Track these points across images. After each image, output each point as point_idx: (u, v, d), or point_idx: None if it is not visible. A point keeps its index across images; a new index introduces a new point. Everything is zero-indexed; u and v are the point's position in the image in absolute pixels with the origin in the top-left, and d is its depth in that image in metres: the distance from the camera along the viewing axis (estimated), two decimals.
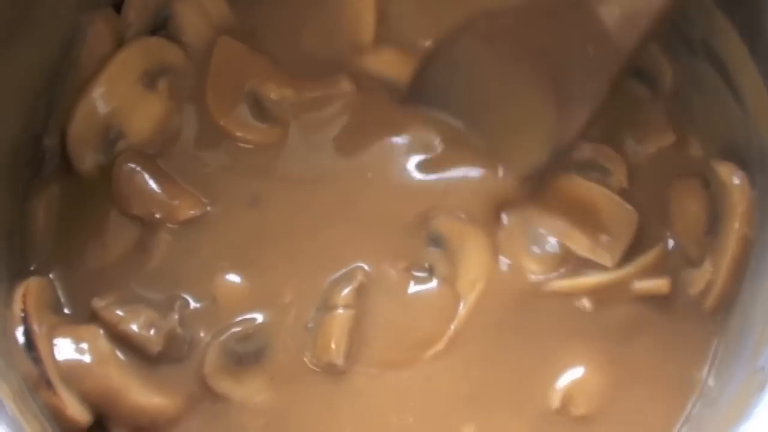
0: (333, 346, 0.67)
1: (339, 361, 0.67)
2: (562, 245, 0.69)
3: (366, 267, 0.70)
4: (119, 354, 0.66)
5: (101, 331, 0.66)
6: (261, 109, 0.73)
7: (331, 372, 0.67)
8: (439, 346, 0.68)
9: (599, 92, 0.67)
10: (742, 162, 0.66)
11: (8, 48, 0.65)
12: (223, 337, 0.67)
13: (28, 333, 0.64)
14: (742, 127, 0.67)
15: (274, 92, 0.73)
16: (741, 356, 0.63)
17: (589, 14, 0.64)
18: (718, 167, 0.67)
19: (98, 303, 0.67)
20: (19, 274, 0.68)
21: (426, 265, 0.70)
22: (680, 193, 0.70)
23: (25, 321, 0.64)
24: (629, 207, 0.69)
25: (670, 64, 0.71)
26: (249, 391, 0.67)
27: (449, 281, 0.69)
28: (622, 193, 0.70)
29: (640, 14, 0.63)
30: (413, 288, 0.69)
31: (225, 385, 0.67)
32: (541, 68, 0.68)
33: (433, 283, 0.69)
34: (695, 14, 0.68)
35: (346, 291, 0.68)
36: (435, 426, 0.66)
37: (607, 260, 0.68)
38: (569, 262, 0.69)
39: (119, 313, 0.66)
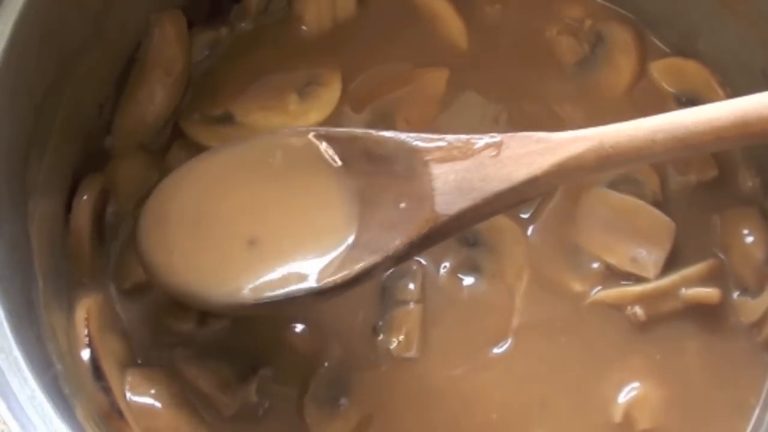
0: (406, 338, 0.68)
1: (413, 353, 0.68)
2: (601, 261, 0.71)
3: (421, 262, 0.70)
4: (192, 405, 0.66)
5: (177, 379, 0.66)
6: None
7: (408, 367, 0.68)
8: (506, 340, 0.69)
9: (394, 247, 0.59)
10: None
11: (79, 62, 0.65)
12: (311, 390, 0.67)
13: (94, 361, 0.63)
14: None
15: None
16: None
17: (421, 171, 0.59)
18: None
19: (180, 353, 0.66)
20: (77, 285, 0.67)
21: (470, 265, 0.71)
22: (734, 220, 0.72)
23: (90, 346, 0.63)
24: (665, 217, 0.70)
25: (726, 95, 0.73)
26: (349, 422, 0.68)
27: (498, 276, 0.71)
28: (657, 206, 0.71)
29: (471, 190, 0.58)
30: (465, 288, 0.71)
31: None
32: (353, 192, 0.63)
33: (483, 281, 0.71)
34: (755, 43, 0.69)
35: (412, 285, 0.69)
36: (513, 426, 0.68)
37: (648, 272, 0.70)
38: (611, 277, 0.71)
39: (197, 367, 0.66)
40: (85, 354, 0.63)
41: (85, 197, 0.67)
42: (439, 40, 0.78)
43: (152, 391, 0.65)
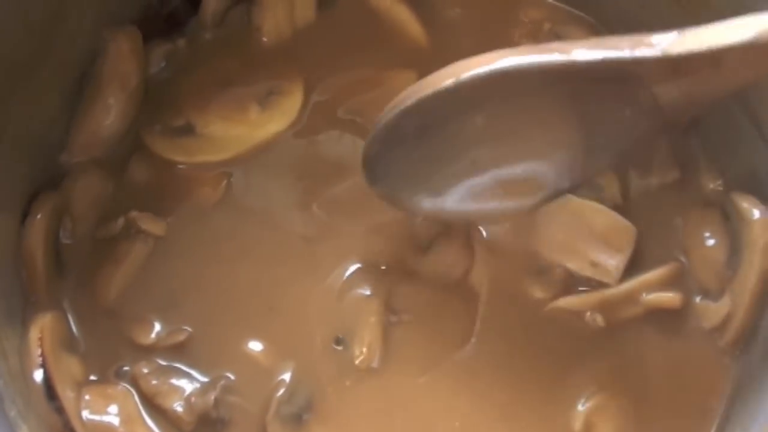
0: (369, 350, 0.68)
1: (375, 364, 0.68)
2: (562, 266, 0.70)
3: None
4: (150, 421, 0.65)
5: (134, 395, 0.65)
6: None
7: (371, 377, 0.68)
8: (469, 347, 0.69)
9: (628, 148, 0.66)
10: (764, 196, 0.67)
11: (27, 77, 0.64)
12: (272, 409, 0.66)
13: (48, 381, 0.62)
14: (764, 161, 0.68)
15: None
16: (764, 391, 0.64)
17: (640, 88, 0.61)
18: (738, 200, 0.68)
19: (138, 370, 0.66)
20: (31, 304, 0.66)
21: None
22: (696, 223, 0.71)
23: (44, 366, 0.63)
24: (626, 221, 0.69)
25: None
26: None
27: (460, 283, 0.71)
28: (618, 209, 0.70)
29: (698, 100, 0.61)
30: (427, 295, 0.70)
31: None
32: (570, 120, 0.66)
33: (445, 288, 0.70)
34: None
35: (373, 295, 0.69)
36: None
37: (609, 277, 0.69)
38: (572, 283, 0.70)
39: (155, 383, 0.66)
40: (38, 374, 0.62)
41: (38, 216, 0.67)
42: (400, 43, 0.78)
43: (109, 409, 0.64)
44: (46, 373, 0.63)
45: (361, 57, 0.77)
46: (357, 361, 0.68)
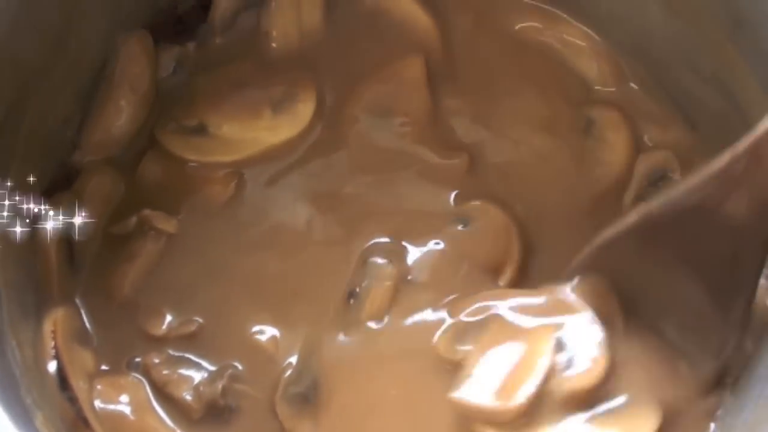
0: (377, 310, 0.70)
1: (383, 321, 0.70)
2: None
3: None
4: (160, 410, 0.67)
5: (146, 385, 0.67)
6: None
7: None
8: None
9: (749, 280, 0.61)
10: None
11: (42, 81, 0.67)
12: (280, 390, 0.68)
13: (61, 372, 0.64)
14: None
15: None
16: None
17: (714, 213, 0.59)
18: None
19: (152, 360, 0.68)
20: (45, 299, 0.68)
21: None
22: None
23: (57, 358, 0.65)
24: None
25: None
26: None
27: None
28: None
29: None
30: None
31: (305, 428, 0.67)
32: (685, 268, 0.63)
33: None
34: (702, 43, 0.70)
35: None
36: None
37: None
38: None
39: (166, 373, 0.67)
40: (52, 366, 0.64)
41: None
42: (406, 34, 0.79)
43: (121, 399, 0.66)
44: (59, 364, 0.64)
45: (370, 55, 0.79)
46: (364, 315, 0.70)
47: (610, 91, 0.79)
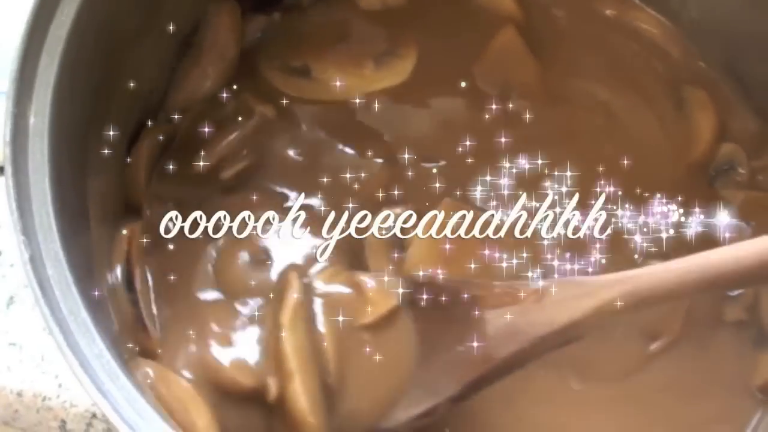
0: None
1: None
2: None
3: None
4: None
5: None
6: None
7: None
8: None
9: (452, 390, 0.65)
10: None
11: (134, 48, 0.73)
12: None
13: (128, 274, 0.70)
14: None
15: None
16: None
17: (476, 315, 0.64)
18: None
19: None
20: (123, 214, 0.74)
21: None
22: None
23: (128, 261, 0.70)
24: None
25: None
26: None
27: None
28: None
29: (519, 334, 0.63)
30: None
31: None
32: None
33: None
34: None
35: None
36: None
37: None
38: None
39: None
40: (121, 268, 0.70)
41: (146, 141, 0.77)
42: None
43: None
44: (128, 265, 0.70)
45: (465, 22, 0.85)
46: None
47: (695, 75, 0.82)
